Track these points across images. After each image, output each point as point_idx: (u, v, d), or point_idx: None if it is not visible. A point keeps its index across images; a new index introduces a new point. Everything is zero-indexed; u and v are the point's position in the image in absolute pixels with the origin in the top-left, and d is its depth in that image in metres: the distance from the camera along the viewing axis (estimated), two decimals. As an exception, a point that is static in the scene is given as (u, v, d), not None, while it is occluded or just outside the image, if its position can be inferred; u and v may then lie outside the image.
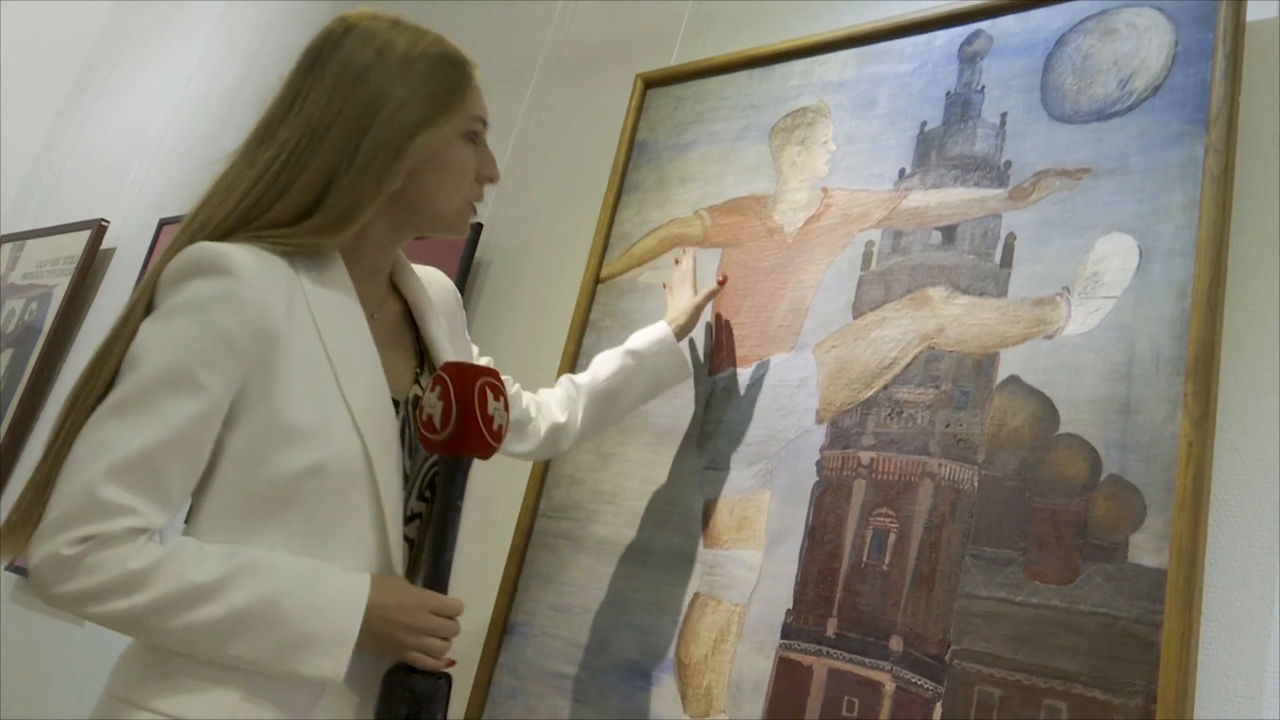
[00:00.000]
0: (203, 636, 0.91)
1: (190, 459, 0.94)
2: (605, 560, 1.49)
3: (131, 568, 0.89)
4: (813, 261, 1.44)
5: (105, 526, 0.89)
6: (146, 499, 0.91)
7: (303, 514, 0.97)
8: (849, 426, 1.32)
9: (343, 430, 0.98)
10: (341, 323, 1.03)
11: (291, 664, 0.93)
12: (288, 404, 0.96)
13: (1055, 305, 1.20)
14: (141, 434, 0.91)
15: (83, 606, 0.90)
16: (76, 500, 0.89)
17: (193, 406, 0.93)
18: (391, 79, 1.03)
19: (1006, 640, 1.11)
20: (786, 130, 1.57)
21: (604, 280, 1.70)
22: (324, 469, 0.97)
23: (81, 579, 0.88)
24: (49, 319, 3.06)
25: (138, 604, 0.89)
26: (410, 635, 0.98)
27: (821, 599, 1.26)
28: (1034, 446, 1.16)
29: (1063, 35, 1.32)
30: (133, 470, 0.91)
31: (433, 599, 1.00)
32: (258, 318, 0.96)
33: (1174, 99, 1.20)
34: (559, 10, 2.13)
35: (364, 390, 1.01)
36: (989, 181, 1.31)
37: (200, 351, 0.94)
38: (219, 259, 0.96)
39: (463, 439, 0.99)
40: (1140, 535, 1.06)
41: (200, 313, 0.95)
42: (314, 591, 0.94)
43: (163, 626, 0.91)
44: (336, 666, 0.93)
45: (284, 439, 0.96)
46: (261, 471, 0.96)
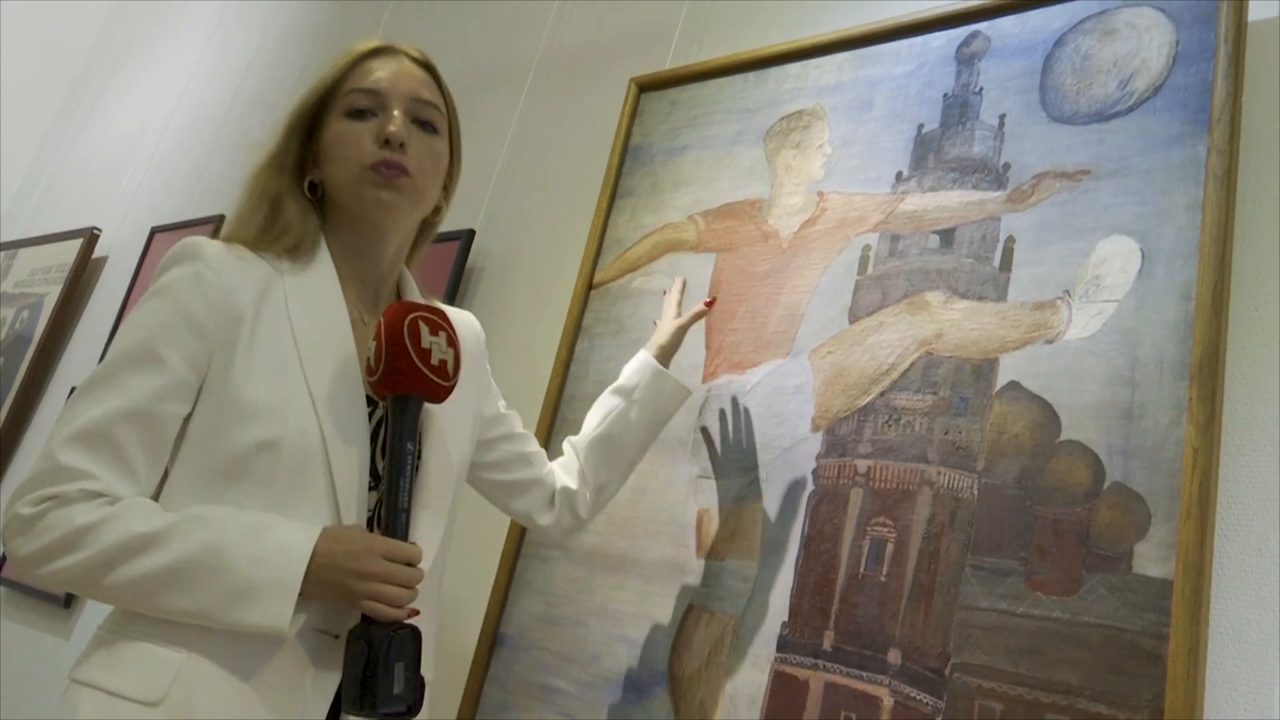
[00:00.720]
0: (143, 588, 0.92)
1: (150, 431, 0.97)
2: (596, 571, 1.45)
3: (79, 523, 0.91)
4: (808, 266, 1.42)
5: (62, 488, 0.92)
6: (105, 466, 0.94)
7: (256, 489, 0.98)
8: (846, 434, 1.29)
9: (300, 410, 1.00)
10: (317, 315, 1.06)
11: (235, 614, 0.92)
12: (246, 382, 0.99)
13: (1056, 309, 1.17)
14: (101, 405, 0.95)
15: (37, 566, 0.93)
16: (40, 465, 0.94)
17: (151, 379, 0.97)
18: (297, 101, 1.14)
19: (1008, 653, 1.07)
20: (782, 134, 1.55)
21: (597, 286, 1.67)
22: (277, 445, 0.98)
23: (37, 538, 0.92)
24: (40, 327, 3.03)
25: (82, 558, 0.91)
26: (360, 582, 0.94)
27: (818, 611, 1.22)
28: (1035, 454, 1.13)
29: (1062, 36, 1.30)
30: (91, 437, 0.94)
31: (384, 544, 0.97)
32: (221, 299, 1.01)
33: (1175, 99, 1.17)
34: (553, 14, 2.11)
35: (329, 377, 1.03)
36: (987, 184, 1.29)
37: (162, 327, 0.99)
38: (190, 248, 1.03)
39: (395, 371, 0.99)
40: (1145, 545, 1.03)
41: (169, 295, 1.01)
42: (258, 540, 0.94)
43: (108, 580, 0.92)
44: (280, 615, 0.91)
45: (240, 415, 0.98)
46: (217, 446, 0.98)
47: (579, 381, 1.61)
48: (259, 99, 2.92)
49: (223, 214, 2.63)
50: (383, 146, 1.07)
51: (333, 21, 2.85)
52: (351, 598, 0.95)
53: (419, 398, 1.01)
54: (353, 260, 1.12)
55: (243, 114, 2.94)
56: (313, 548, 0.94)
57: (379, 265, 1.14)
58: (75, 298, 3.06)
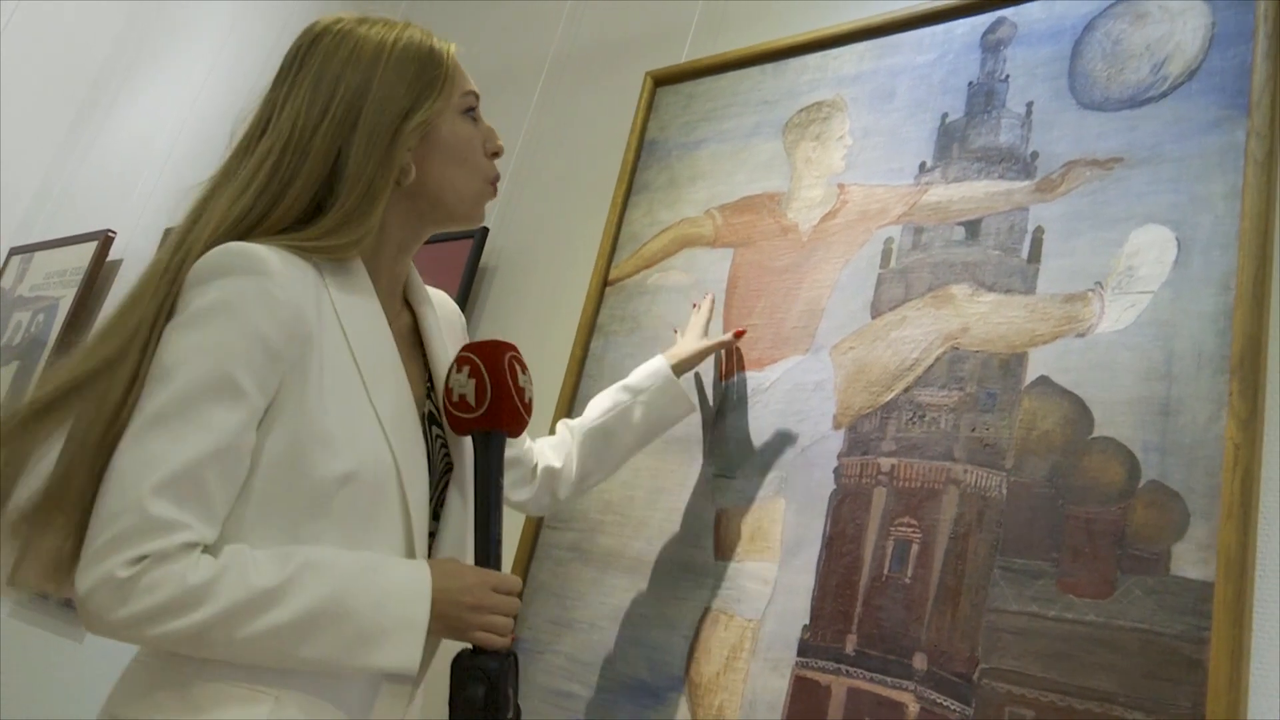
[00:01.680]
0: (272, 643, 0.88)
1: (233, 468, 0.90)
2: (612, 573, 1.42)
3: (191, 583, 0.85)
4: (829, 260, 1.38)
5: (159, 544, 0.85)
6: (195, 513, 0.87)
7: (337, 522, 0.94)
8: (868, 431, 1.25)
9: (372, 438, 0.96)
10: (367, 329, 1.00)
11: (365, 658, 0.90)
12: (320, 410, 0.93)
13: (1087, 301, 1.13)
14: (187, 446, 0.87)
15: (142, 630, 0.85)
16: (127, 520, 0.85)
17: (234, 413, 0.90)
18: (371, 71, 1.01)
19: (1039, 658, 1.03)
20: (801, 125, 1.51)
21: (612, 282, 1.64)
22: (357, 477, 0.94)
23: (140, 600, 0.84)
24: (55, 331, 3.02)
25: (202, 618, 0.85)
26: (476, 614, 0.95)
27: (840, 614, 1.18)
28: (1066, 451, 1.09)
29: (1091, 20, 1.26)
30: (181, 484, 0.87)
31: (493, 576, 0.98)
32: (292, 318, 0.93)
33: (1212, 83, 1.13)
34: (567, 9, 2.09)
35: (390, 399, 0.99)
36: (1014, 173, 1.25)
37: (236, 354, 0.90)
38: (249, 258, 0.93)
39: (499, 411, 0.99)
40: (1183, 545, 0.99)
41: (234, 314, 0.91)
42: (378, 583, 0.92)
43: (229, 638, 0.86)
44: (411, 655, 0.91)
45: (319, 445, 0.93)
46: (297, 479, 0.92)
47: (594, 380, 1.57)
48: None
49: (236, 215, 2.62)
50: (492, 158, 1.09)
51: (347, 22, 2.84)
52: (466, 629, 0.96)
53: (503, 434, 1.01)
54: (388, 260, 1.07)
55: (257, 116, 2.93)
56: (431, 584, 0.94)
57: (404, 264, 1.11)
58: (90, 301, 3.05)
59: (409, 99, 1.02)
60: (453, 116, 1.05)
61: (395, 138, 1.00)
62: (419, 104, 1.02)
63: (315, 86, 1.01)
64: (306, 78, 1.02)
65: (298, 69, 1.04)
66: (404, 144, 1.01)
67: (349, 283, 1.01)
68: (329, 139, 0.99)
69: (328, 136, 0.99)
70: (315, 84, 1.01)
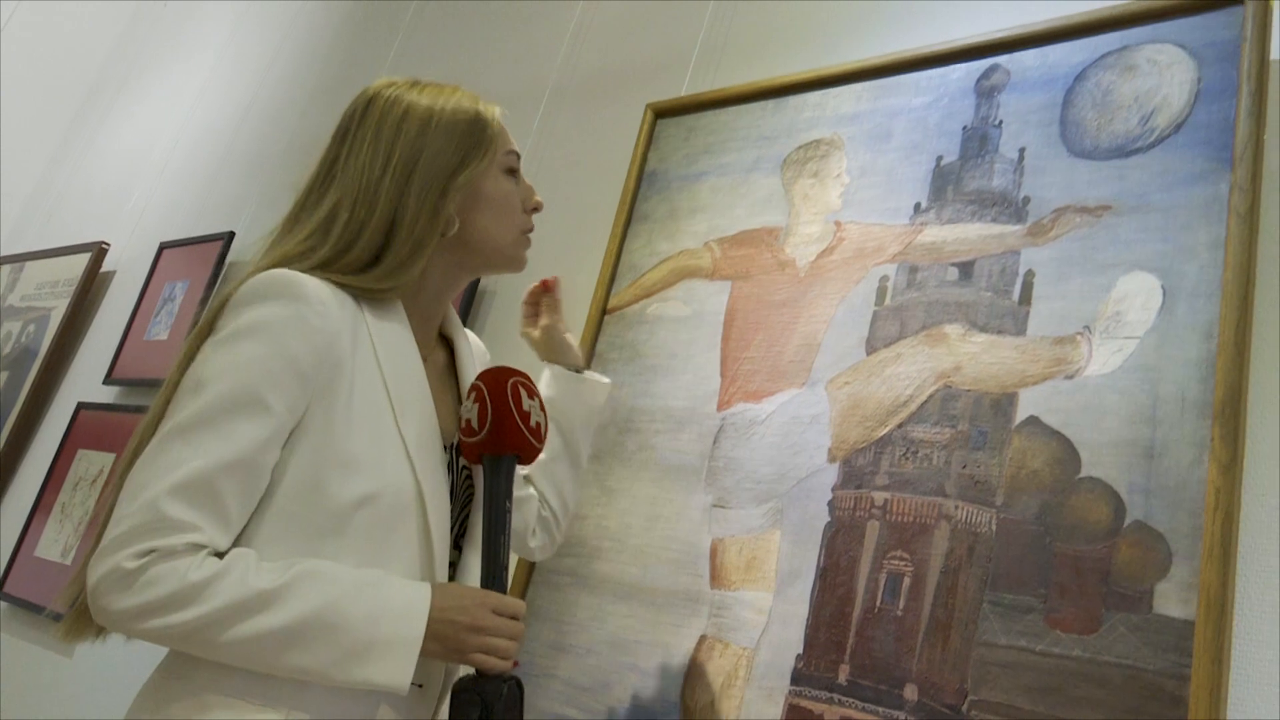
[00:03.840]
0: (262, 646, 0.90)
1: (251, 481, 0.95)
2: (609, 599, 1.44)
3: (192, 579, 0.89)
4: (825, 296, 1.42)
5: (167, 541, 0.89)
6: (207, 518, 0.92)
7: (352, 543, 0.97)
8: (862, 466, 1.28)
9: (396, 463, 1.00)
10: (401, 361, 1.05)
11: (355, 672, 0.92)
12: (346, 433, 0.98)
13: (1076, 344, 1.17)
14: (206, 454, 0.92)
15: (139, 622, 0.89)
16: (140, 516, 0.90)
17: (257, 429, 0.94)
18: (424, 132, 1.09)
19: (1026, 691, 1.07)
20: (799, 162, 1.55)
21: (612, 311, 1.67)
22: (377, 499, 0.98)
23: (141, 592, 0.88)
24: (46, 341, 3.03)
25: (197, 615, 0.88)
26: (474, 636, 0.96)
27: (833, 644, 1.22)
28: (1054, 490, 1.13)
29: (1083, 70, 1.30)
30: (195, 489, 0.91)
31: (494, 599, 0.99)
32: (325, 345, 0.98)
33: (1197, 136, 1.18)
34: (568, 38, 2.12)
35: (417, 427, 1.03)
36: (1007, 217, 1.29)
37: (267, 374, 0.95)
38: (291, 285, 0.99)
39: (500, 433, 1.02)
40: (1166, 584, 1.03)
41: (269, 336, 0.96)
42: (376, 598, 0.94)
43: (220, 638, 0.90)
44: (402, 673, 0.93)
45: (341, 467, 0.97)
46: (317, 498, 0.96)
47: (592, 407, 1.60)
48: (270, 117, 2.92)
49: (232, 231, 2.64)
50: (530, 214, 1.17)
51: (345, 45, 2.86)
52: (464, 651, 0.97)
53: (513, 458, 1.04)
54: (427, 302, 1.13)
55: (253, 132, 2.95)
56: (429, 603, 0.95)
57: (441, 306, 1.17)
58: (82, 312, 3.06)
59: (457, 158, 1.09)
60: (495, 174, 1.13)
61: (444, 194, 1.08)
62: (465, 163, 1.09)
63: (375, 144, 1.08)
64: (367, 135, 1.09)
65: (357, 127, 1.11)
66: (451, 199, 1.08)
67: (386, 318, 1.06)
68: (392, 192, 1.06)
69: (391, 190, 1.06)
70: (375, 142, 1.09)
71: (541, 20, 2.23)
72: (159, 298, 2.73)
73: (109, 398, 2.72)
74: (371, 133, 1.09)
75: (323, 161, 1.12)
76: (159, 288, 2.75)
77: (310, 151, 2.89)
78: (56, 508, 2.58)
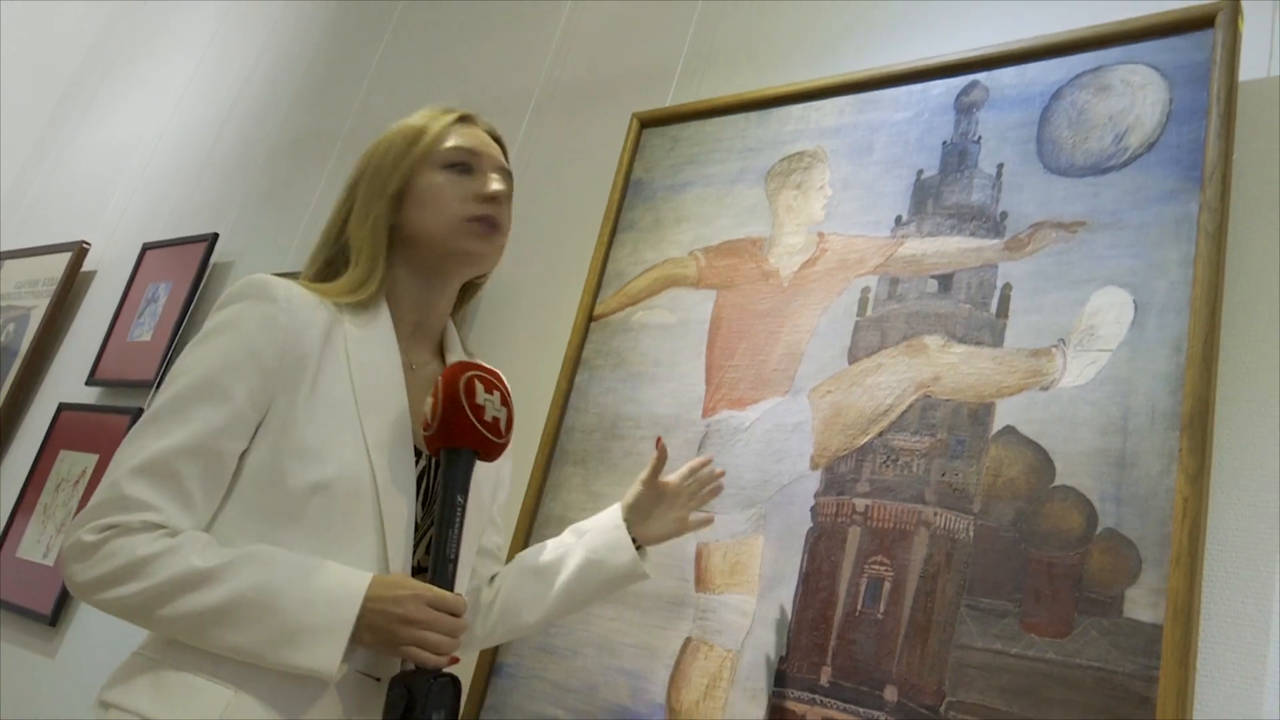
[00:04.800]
0: (196, 623, 0.94)
1: (211, 466, 1.00)
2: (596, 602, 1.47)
3: (140, 554, 0.94)
4: (808, 306, 1.45)
5: (125, 518, 0.95)
6: (167, 498, 0.97)
7: (309, 531, 1.00)
8: (844, 473, 1.32)
9: (354, 454, 1.03)
10: (374, 364, 1.09)
11: (285, 655, 0.94)
12: (306, 424, 1.02)
13: (1051, 357, 1.21)
14: (168, 437, 0.98)
15: (96, 592, 0.95)
16: (104, 493, 0.97)
17: (217, 414, 0.99)
18: (373, 152, 1.19)
19: (1002, 693, 1.10)
20: (783, 174, 1.58)
21: (598, 318, 1.70)
22: (330, 486, 1.01)
23: (98, 565, 0.94)
24: (26, 341, 3.01)
25: (141, 588, 0.93)
26: (406, 628, 0.96)
27: (815, 646, 1.25)
28: (1030, 498, 1.17)
29: (1059, 89, 1.34)
30: (155, 470, 0.97)
31: (429, 591, 0.99)
32: (288, 340, 1.03)
33: (1168, 156, 1.22)
34: (554, 46, 2.14)
35: (382, 424, 1.06)
36: (985, 231, 1.33)
37: (229, 364, 1.01)
38: (261, 287, 1.06)
39: (450, 425, 1.03)
40: (1136, 590, 1.07)
41: (235, 331, 1.03)
42: (311, 583, 0.96)
43: (160, 612, 0.94)
44: (330, 658, 0.94)
45: (297, 456, 1.01)
46: (274, 485, 1.01)
47: (579, 413, 1.63)
48: (255, 117, 2.92)
49: (216, 232, 2.64)
50: (484, 203, 1.15)
51: (330, 46, 2.87)
52: (396, 643, 0.97)
53: (470, 453, 1.04)
54: (408, 308, 1.16)
55: (237, 132, 2.95)
56: (364, 593, 0.97)
57: (431, 314, 1.19)
58: (63, 312, 3.05)
59: (391, 162, 1.15)
60: (430, 171, 1.15)
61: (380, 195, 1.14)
62: (398, 165, 1.15)
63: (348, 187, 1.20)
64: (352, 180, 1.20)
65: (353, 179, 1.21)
66: (388, 202, 1.14)
67: (368, 324, 1.11)
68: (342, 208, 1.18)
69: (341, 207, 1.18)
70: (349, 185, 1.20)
71: (527, 27, 2.25)
72: (142, 298, 2.72)
73: (91, 398, 2.72)
74: (352, 179, 1.19)
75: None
76: (142, 288, 2.75)
77: (295, 152, 2.90)
78: (38, 508, 2.58)
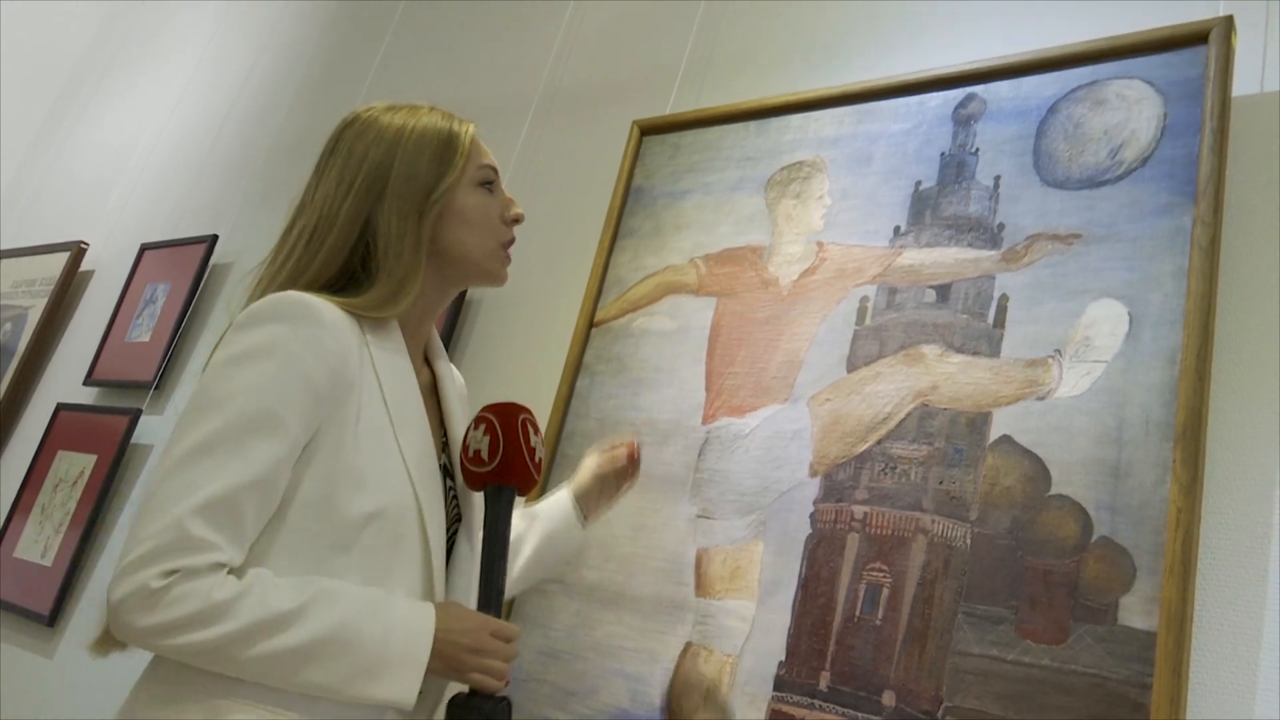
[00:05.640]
0: (280, 663, 0.94)
1: (268, 498, 0.99)
2: (596, 606, 1.49)
3: (216, 599, 0.92)
4: (808, 314, 1.47)
5: (192, 560, 0.93)
6: (227, 537, 0.95)
7: (361, 558, 1.01)
8: (843, 480, 1.34)
9: (399, 479, 1.05)
10: (399, 381, 1.10)
11: (364, 689, 0.96)
12: (354, 451, 1.02)
13: (1047, 367, 1.23)
14: (228, 474, 0.95)
15: (164, 638, 0.92)
16: (166, 536, 0.93)
17: (276, 448, 0.98)
18: (393, 150, 1.13)
19: (998, 699, 1.12)
20: (782, 183, 1.60)
21: (598, 324, 1.71)
22: (383, 515, 1.02)
23: (166, 610, 0.91)
24: (24, 340, 3.02)
25: (221, 633, 0.92)
26: (473, 657, 1.01)
27: (814, 652, 1.27)
28: (1026, 506, 1.19)
29: (1055, 103, 1.36)
30: (218, 509, 0.95)
31: (492, 622, 1.04)
32: (338, 366, 1.02)
33: (1163, 170, 1.24)
34: (554, 52, 2.15)
35: (415, 445, 1.08)
36: (982, 242, 1.35)
37: (284, 394, 0.99)
38: (306, 307, 1.03)
39: (510, 466, 1.07)
40: (1130, 598, 1.09)
41: (286, 356, 1.00)
42: (385, 617, 0.98)
43: (243, 655, 0.93)
44: (409, 690, 0.98)
45: (350, 484, 1.01)
46: (327, 514, 1.00)
47: (580, 418, 1.64)
48: (254, 118, 2.93)
49: (215, 234, 2.65)
50: (511, 226, 1.19)
51: (330, 47, 2.88)
52: (463, 670, 1.01)
53: (514, 488, 1.08)
54: (416, 318, 1.16)
55: (236, 132, 2.96)
56: (434, 624, 1.00)
57: (428, 323, 1.20)
58: (61, 311, 3.06)
59: (430, 176, 1.12)
60: (468, 188, 1.16)
61: (420, 216, 1.11)
62: (438, 180, 1.13)
63: (344, 168, 1.13)
64: (338, 161, 1.15)
65: (330, 155, 1.16)
66: (428, 217, 1.12)
67: (386, 339, 1.11)
68: (354, 208, 1.11)
69: (353, 207, 1.11)
70: (344, 165, 1.13)
71: (528, 32, 2.26)
72: (140, 299, 2.73)
73: (89, 399, 2.73)
74: (343, 156, 1.14)
75: (303, 191, 1.17)
76: (140, 289, 2.76)
77: (295, 154, 2.90)
78: (36, 508, 2.58)
